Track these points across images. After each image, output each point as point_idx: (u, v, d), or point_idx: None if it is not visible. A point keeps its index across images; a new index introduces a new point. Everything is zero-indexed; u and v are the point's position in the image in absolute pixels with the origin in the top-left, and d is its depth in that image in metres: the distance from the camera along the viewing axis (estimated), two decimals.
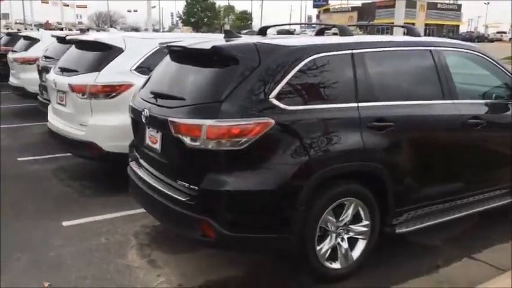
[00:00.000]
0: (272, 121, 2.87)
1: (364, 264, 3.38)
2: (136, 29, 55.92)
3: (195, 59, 3.31)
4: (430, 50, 3.72)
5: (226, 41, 3.42)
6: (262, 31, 4.30)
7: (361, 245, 3.36)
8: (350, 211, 3.26)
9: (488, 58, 4.15)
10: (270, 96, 2.93)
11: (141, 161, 3.73)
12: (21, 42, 10.34)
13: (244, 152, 2.85)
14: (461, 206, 3.89)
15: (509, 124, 4.12)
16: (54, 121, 5.45)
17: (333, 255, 3.27)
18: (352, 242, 3.35)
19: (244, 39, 3.46)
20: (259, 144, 2.86)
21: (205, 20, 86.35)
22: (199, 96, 3.04)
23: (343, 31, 3.63)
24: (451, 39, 4.43)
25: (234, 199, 2.91)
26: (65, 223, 4.23)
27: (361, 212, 3.31)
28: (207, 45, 3.16)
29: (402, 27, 5.00)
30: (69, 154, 5.71)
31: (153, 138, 3.38)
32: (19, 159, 6.29)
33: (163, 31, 64.89)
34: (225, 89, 2.91)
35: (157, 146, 3.33)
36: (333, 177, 3.11)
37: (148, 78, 3.81)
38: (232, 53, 3.05)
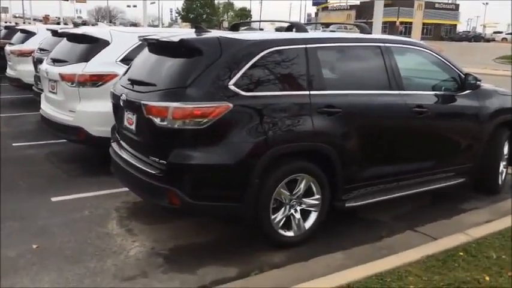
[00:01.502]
0: (230, 105, 3.32)
1: (316, 233, 3.83)
2: (135, 25, 56.21)
3: (167, 50, 3.76)
4: (379, 46, 4.16)
5: (197, 35, 3.86)
6: (235, 27, 4.77)
7: (313, 216, 3.80)
8: (302, 186, 3.69)
9: (436, 55, 4.60)
10: (230, 84, 3.37)
11: (121, 142, 4.17)
12: (18, 35, 10.74)
13: (205, 131, 3.30)
14: (408, 185, 4.35)
15: (455, 114, 4.59)
16: (46, 108, 5.89)
17: (288, 225, 3.72)
18: (305, 213, 3.79)
19: (211, 34, 3.90)
20: (219, 124, 3.30)
21: (204, 16, 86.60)
22: (168, 82, 3.48)
23: (299, 28, 4.08)
24: (403, 38, 4.86)
25: (196, 172, 3.36)
26: (53, 199, 4.68)
27: (313, 187, 3.74)
28: (177, 38, 3.61)
29: (355, 25, 5.45)
30: (60, 140, 6.17)
31: (129, 120, 3.82)
32: (14, 144, 6.73)
33: (162, 27, 65.15)
34: (189, 76, 3.35)
35: (133, 126, 3.77)
36: (285, 155, 3.56)
37: (129, 68, 4.26)
38: (197, 45, 3.50)
